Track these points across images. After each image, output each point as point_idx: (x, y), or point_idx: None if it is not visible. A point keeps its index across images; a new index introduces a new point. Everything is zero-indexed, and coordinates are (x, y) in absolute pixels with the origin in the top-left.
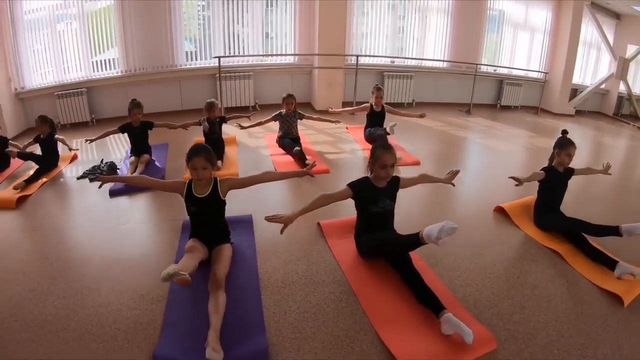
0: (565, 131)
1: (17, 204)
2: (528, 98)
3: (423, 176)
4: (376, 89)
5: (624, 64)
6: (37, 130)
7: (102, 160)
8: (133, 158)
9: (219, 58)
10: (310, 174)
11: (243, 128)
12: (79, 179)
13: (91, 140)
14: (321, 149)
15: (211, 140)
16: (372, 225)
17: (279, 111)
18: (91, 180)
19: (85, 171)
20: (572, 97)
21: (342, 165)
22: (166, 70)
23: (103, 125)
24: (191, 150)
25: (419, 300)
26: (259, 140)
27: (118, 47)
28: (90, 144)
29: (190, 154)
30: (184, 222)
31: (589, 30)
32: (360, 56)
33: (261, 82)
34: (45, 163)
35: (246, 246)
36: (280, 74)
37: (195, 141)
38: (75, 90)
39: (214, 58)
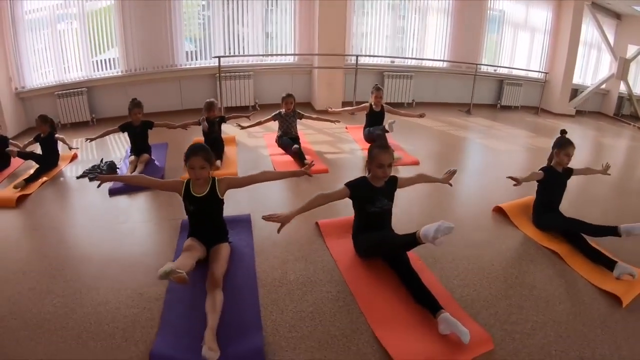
0: (564, 131)
1: (17, 203)
2: (528, 98)
3: (420, 176)
4: (375, 88)
5: (624, 64)
6: (38, 129)
7: (102, 159)
8: (133, 157)
9: (219, 58)
10: (308, 174)
11: (243, 128)
12: (78, 178)
13: (91, 139)
14: (320, 148)
15: (210, 139)
16: (370, 225)
17: (278, 111)
18: (91, 180)
19: (85, 170)
20: (573, 98)
21: (342, 165)
22: (166, 70)
23: (103, 124)
24: (189, 150)
25: (416, 300)
26: (258, 140)
27: (118, 47)
28: (90, 143)
29: (188, 153)
30: (182, 221)
31: (590, 31)
32: (360, 56)
33: (261, 82)
34: (45, 162)
35: (244, 245)
36: (280, 73)
37: (194, 141)
38: (76, 89)
39: (213, 58)
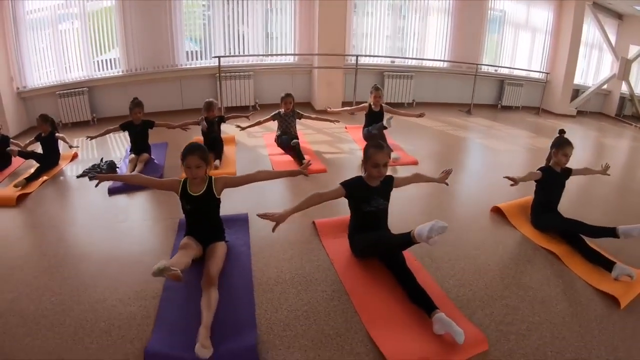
0: (562, 131)
1: (18, 202)
2: (529, 98)
3: (416, 175)
4: (374, 88)
5: (626, 65)
6: (39, 129)
7: (102, 159)
8: (133, 156)
9: (219, 58)
10: (304, 173)
11: (242, 129)
12: (78, 177)
13: (92, 137)
14: (319, 148)
15: (210, 139)
16: (366, 225)
17: (277, 111)
18: (90, 179)
19: (85, 169)
20: (574, 98)
21: (340, 165)
22: (167, 70)
23: (104, 124)
24: (185, 149)
25: (412, 300)
26: (257, 140)
27: (119, 47)
28: (90, 143)
29: (185, 152)
30: (180, 220)
31: (591, 31)
32: (360, 56)
33: (261, 82)
34: (46, 161)
35: (241, 244)
36: (280, 73)
37: (194, 140)
38: (77, 89)
39: (214, 58)
